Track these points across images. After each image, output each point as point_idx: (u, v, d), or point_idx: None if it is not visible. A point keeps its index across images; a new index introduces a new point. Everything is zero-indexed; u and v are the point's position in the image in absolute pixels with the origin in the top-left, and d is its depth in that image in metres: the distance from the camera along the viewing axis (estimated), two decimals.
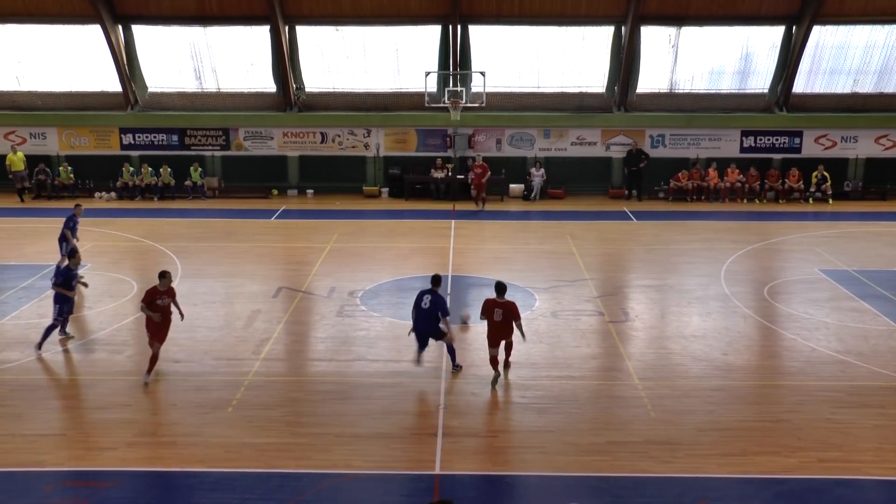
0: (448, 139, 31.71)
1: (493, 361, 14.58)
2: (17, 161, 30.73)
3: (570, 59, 31.18)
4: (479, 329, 17.15)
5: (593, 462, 11.86)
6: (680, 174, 31.28)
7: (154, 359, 14.68)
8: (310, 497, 10.96)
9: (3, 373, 14.99)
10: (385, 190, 31.89)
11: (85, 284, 19.43)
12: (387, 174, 32.02)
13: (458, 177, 31.08)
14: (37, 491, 11.15)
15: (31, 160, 31.48)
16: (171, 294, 14.94)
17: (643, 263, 23.18)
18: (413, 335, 14.80)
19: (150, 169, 31.32)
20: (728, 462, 11.83)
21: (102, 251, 22.58)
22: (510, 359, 15.11)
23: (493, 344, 14.57)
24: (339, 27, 30.79)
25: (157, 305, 14.59)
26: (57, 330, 16.27)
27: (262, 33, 30.59)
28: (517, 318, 14.45)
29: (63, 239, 20.57)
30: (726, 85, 31.99)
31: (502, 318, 14.37)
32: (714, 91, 31.93)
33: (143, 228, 25.93)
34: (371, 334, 16.99)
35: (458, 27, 30.17)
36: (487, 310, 14.54)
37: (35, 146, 32.09)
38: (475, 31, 30.72)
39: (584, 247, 24.09)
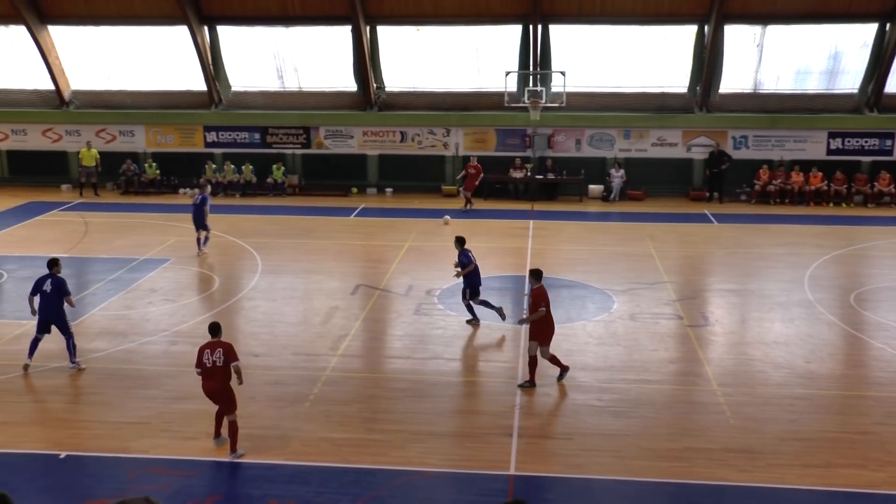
0: (527, 139, 31.60)
1: (556, 359, 14.50)
2: (87, 156, 31.50)
3: (652, 58, 30.78)
4: (557, 330, 17.08)
5: (670, 468, 11.70)
6: (761, 170, 30.55)
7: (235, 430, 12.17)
8: (384, 493, 11.05)
9: (93, 361, 15.48)
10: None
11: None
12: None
13: (537, 177, 30.95)
14: (122, 476, 11.50)
15: (120, 156, 32.38)
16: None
17: (724, 267, 22.76)
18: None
19: (232, 166, 31.93)
20: (810, 473, 11.53)
21: (185, 246, 23.11)
22: None
23: (551, 339, 14.49)
24: (419, 27, 30.96)
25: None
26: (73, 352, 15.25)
27: (343, 33, 30.92)
28: None
29: (203, 216, 22.54)
30: (813, 85, 31.16)
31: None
32: (800, 91, 31.14)
33: (225, 224, 26.42)
34: (448, 333, 17.04)
35: (539, 26, 30.05)
36: (546, 296, 14.38)
37: (124, 143, 33.03)
38: (556, 30, 30.56)
39: (664, 249, 23.76)
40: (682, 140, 31.38)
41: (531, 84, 30.03)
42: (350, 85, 31.92)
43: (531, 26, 30.01)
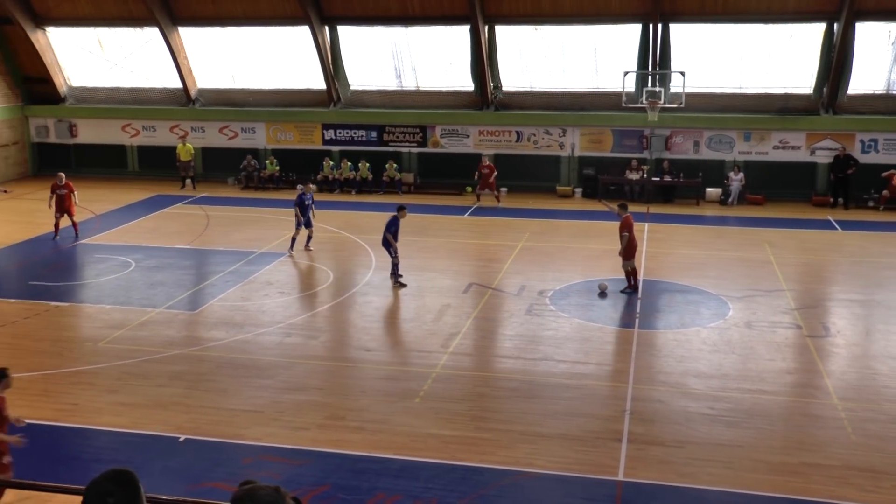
0: (644, 140, 31.10)
1: (634, 273, 19.32)
2: (183, 151, 32.77)
3: (776, 58, 29.84)
4: (669, 335, 16.78)
5: (785, 483, 11.31)
6: (893, 172, 28.98)
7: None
8: (492, 492, 11.05)
9: (211, 350, 16.02)
10: (578, 190, 31.64)
11: None
12: (581, 174, 31.76)
13: (654, 179, 30.42)
14: (236, 462, 11.85)
15: (241, 153, 33.36)
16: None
17: (847, 276, 21.86)
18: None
19: (349, 164, 32.48)
20: None
21: (302, 241, 23.60)
22: None
23: (634, 255, 19.28)
24: (538, 27, 30.84)
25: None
26: None
27: (461, 33, 31.07)
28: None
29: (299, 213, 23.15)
30: None
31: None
32: None
33: (340, 220, 26.94)
34: (559, 335, 16.92)
35: (659, 26, 29.53)
36: (631, 225, 19.32)
37: (245, 140, 34.03)
38: (676, 29, 29.97)
39: (783, 256, 22.98)
40: (805, 143, 30.32)
41: (650, 84, 29.53)
42: (467, 84, 32.04)
43: (651, 25, 29.52)
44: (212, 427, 12.86)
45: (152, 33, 32.74)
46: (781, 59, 29.82)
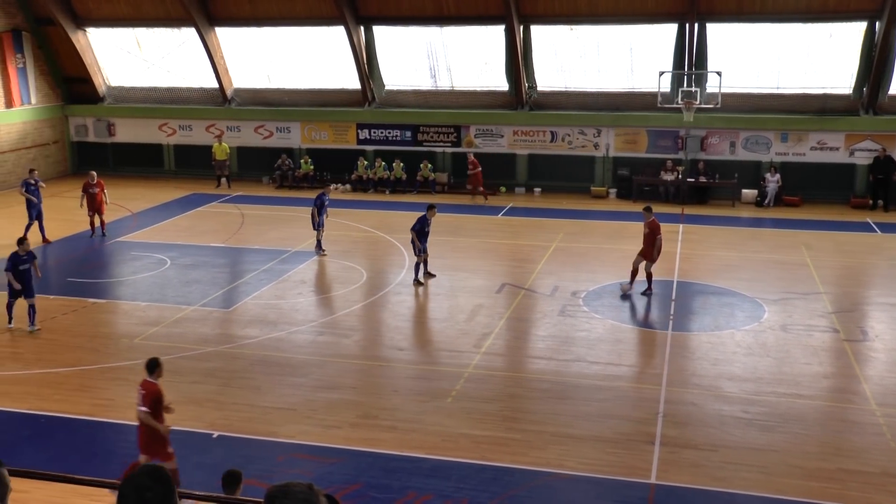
0: (680, 141, 30.85)
1: (650, 277, 19.22)
2: (219, 150, 33.00)
3: (815, 57, 29.46)
4: (703, 338, 16.64)
5: (821, 489, 11.17)
6: None
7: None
8: (522, 493, 11.03)
9: (245, 347, 16.14)
10: (613, 191, 31.48)
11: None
12: (615, 175, 31.59)
13: (689, 179, 30.16)
14: (270, 459, 11.94)
15: (276, 152, 33.57)
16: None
17: (887, 280, 21.52)
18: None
19: (383, 163, 32.56)
20: None
21: (335, 240, 23.71)
22: None
23: (657, 258, 19.19)
24: (573, 26, 30.72)
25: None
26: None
27: (496, 33, 31.03)
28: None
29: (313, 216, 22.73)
30: None
31: None
32: None
33: (374, 220, 27.01)
34: (592, 336, 16.84)
35: (696, 25, 29.28)
36: (658, 227, 19.24)
37: (280, 139, 34.23)
38: (713, 28, 29.70)
39: (820, 258, 22.69)
40: (844, 144, 29.91)
41: (685, 84, 29.30)
42: (502, 84, 31.99)
43: (687, 25, 29.29)
44: (245, 424, 12.96)
45: (189, 33, 33.05)
46: (820, 58, 29.44)
